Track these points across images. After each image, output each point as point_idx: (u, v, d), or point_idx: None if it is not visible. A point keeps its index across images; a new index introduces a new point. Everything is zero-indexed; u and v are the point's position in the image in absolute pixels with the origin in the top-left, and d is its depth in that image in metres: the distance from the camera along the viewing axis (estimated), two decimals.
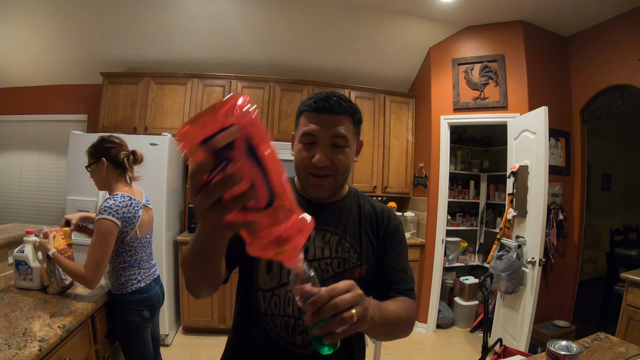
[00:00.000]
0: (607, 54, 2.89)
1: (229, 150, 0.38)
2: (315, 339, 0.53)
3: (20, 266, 1.50)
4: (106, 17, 3.05)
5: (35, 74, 3.61)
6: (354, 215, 0.89)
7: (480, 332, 3.14)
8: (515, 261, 2.59)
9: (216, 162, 0.38)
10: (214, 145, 0.38)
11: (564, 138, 3.15)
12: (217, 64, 3.58)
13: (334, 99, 0.80)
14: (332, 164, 0.80)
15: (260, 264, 0.83)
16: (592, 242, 4.79)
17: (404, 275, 0.87)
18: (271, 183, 0.43)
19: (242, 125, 0.38)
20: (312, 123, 0.79)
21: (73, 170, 2.92)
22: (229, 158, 0.39)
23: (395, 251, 0.89)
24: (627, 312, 2.17)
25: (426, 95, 3.57)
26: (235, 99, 0.38)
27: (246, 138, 0.39)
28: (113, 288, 1.54)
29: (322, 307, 0.51)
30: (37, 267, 1.50)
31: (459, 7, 2.99)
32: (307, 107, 0.81)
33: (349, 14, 3.13)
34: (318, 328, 0.52)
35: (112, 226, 1.42)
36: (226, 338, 0.93)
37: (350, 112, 0.82)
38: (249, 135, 0.39)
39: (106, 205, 1.44)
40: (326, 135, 0.79)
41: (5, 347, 0.98)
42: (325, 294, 0.52)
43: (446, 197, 3.42)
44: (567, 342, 0.96)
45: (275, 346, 0.80)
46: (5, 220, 2.88)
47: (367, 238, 0.88)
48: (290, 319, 0.80)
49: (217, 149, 0.38)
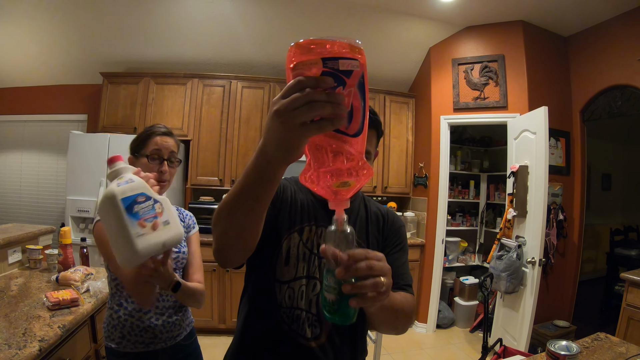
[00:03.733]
0: (607, 54, 2.89)
1: (346, 77, 0.43)
2: (331, 304, 0.52)
3: (139, 207, 0.74)
4: (106, 17, 3.05)
5: (35, 74, 3.61)
6: (361, 217, 0.94)
7: (480, 332, 3.14)
8: (515, 261, 2.59)
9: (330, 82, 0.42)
10: (339, 67, 0.41)
11: (564, 138, 3.15)
12: (217, 64, 3.58)
13: None
14: None
15: (280, 255, 0.85)
16: (592, 242, 4.79)
17: (404, 271, 0.91)
18: (365, 118, 0.47)
19: (362, 62, 0.43)
20: None
21: (73, 170, 2.93)
22: (344, 83, 0.43)
23: (396, 248, 0.93)
24: (627, 312, 2.17)
25: (426, 95, 3.57)
26: (358, 44, 0.43)
27: (362, 74, 0.44)
28: (187, 320, 1.26)
29: (358, 264, 0.50)
30: (165, 200, 0.82)
31: (459, 7, 2.99)
32: None
33: (349, 14, 3.13)
34: (349, 285, 0.50)
35: None
36: (226, 338, 0.95)
37: (377, 126, 0.85)
38: (364, 73, 0.45)
39: (192, 215, 1.33)
40: None
41: (5, 347, 0.98)
42: (362, 252, 0.52)
43: (446, 197, 3.42)
44: (567, 342, 0.96)
45: (285, 337, 0.83)
46: (5, 220, 2.88)
47: (373, 237, 0.94)
48: (302, 312, 0.83)
49: (339, 70, 0.42)
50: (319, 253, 0.85)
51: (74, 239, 2.00)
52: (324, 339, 0.84)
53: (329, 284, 0.52)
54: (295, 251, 0.85)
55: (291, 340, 0.83)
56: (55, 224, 3.02)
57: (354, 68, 0.43)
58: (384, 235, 0.95)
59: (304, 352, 0.83)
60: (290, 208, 0.88)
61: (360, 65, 0.43)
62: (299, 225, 0.87)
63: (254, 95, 3.45)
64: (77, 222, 2.95)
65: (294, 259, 0.85)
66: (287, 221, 0.86)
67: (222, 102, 3.40)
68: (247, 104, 3.43)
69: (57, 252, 1.79)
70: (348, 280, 0.50)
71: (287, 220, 0.87)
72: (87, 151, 2.91)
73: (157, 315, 1.14)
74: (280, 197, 0.88)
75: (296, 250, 0.85)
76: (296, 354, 0.83)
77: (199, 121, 3.37)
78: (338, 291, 0.51)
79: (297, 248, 0.85)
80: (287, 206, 0.88)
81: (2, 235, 1.82)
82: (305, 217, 0.88)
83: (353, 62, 0.42)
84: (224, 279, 3.02)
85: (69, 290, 1.39)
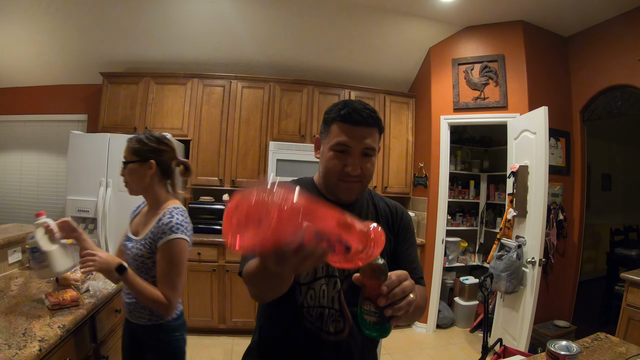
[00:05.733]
0: (607, 54, 2.89)
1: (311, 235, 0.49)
2: (373, 324, 0.62)
3: (34, 254, 1.29)
4: (106, 17, 3.05)
5: (35, 74, 3.61)
6: (371, 213, 0.98)
7: (480, 332, 3.13)
8: (515, 261, 2.59)
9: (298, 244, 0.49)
10: (301, 241, 0.48)
11: (564, 138, 3.15)
12: (217, 64, 3.58)
13: (366, 112, 0.87)
14: (362, 171, 0.88)
15: None
16: (592, 242, 4.79)
17: (415, 265, 0.97)
18: (344, 241, 0.54)
19: (306, 219, 0.48)
20: (347, 134, 0.86)
21: (73, 170, 2.92)
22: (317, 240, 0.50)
23: (407, 244, 0.99)
24: (627, 312, 2.17)
25: (426, 95, 3.57)
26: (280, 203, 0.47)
27: (314, 228, 0.49)
28: (154, 317, 1.29)
29: (394, 290, 0.60)
30: (51, 251, 1.29)
31: (459, 7, 2.99)
32: (342, 118, 0.87)
33: (349, 14, 3.13)
34: (390, 309, 0.60)
35: (187, 246, 1.25)
36: (226, 338, 0.97)
37: (378, 123, 0.90)
38: (313, 221, 0.49)
39: (177, 222, 1.24)
40: (359, 147, 0.86)
41: (5, 347, 0.98)
42: (396, 279, 0.62)
43: (446, 197, 3.42)
44: (567, 342, 0.96)
45: (309, 334, 0.88)
46: (5, 220, 2.88)
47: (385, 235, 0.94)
48: (324, 309, 0.88)
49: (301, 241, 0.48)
50: None
51: None
52: (346, 333, 0.89)
53: (369, 309, 0.62)
54: None
55: (315, 336, 0.88)
56: None
57: (309, 230, 0.48)
58: (395, 232, 0.98)
59: (328, 346, 0.88)
60: None
61: (307, 226, 0.48)
62: None
63: (254, 95, 3.45)
64: (77, 222, 2.93)
65: None
66: None
67: (222, 102, 3.40)
68: (247, 104, 3.43)
69: None
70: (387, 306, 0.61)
71: None
72: (87, 151, 2.91)
73: (126, 294, 1.33)
74: None
75: None
76: (320, 348, 0.88)
77: (199, 121, 3.37)
78: (379, 314, 0.61)
79: None
80: None
81: (2, 235, 1.82)
82: None
83: (303, 230, 0.47)
84: (224, 279, 3.02)
85: (69, 290, 1.39)
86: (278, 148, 3.32)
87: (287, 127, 3.47)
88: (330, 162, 0.88)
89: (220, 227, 3.24)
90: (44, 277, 1.38)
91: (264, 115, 3.44)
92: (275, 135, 3.44)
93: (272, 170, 3.28)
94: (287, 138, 3.43)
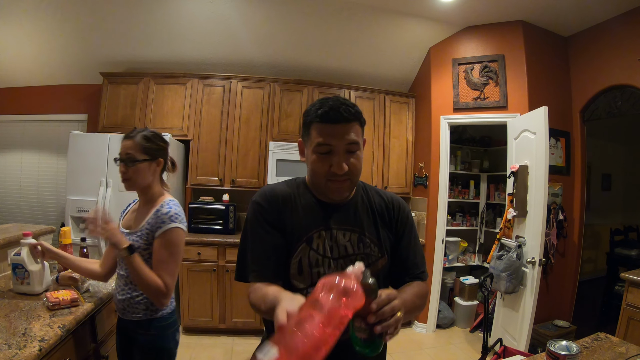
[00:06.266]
0: (607, 54, 2.89)
1: None
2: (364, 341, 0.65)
3: (17, 270, 1.42)
4: (106, 17, 3.05)
5: (35, 74, 3.61)
6: (367, 210, 0.96)
7: (480, 332, 3.14)
8: (515, 261, 2.59)
9: None
10: None
11: (564, 138, 3.15)
12: (217, 64, 3.58)
13: (343, 107, 0.84)
14: (349, 168, 0.86)
15: (292, 267, 0.89)
16: (592, 242, 4.79)
17: (417, 260, 0.99)
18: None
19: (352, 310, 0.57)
20: (327, 134, 0.84)
21: (73, 170, 2.92)
22: None
23: (407, 238, 0.99)
24: (627, 312, 2.17)
25: (426, 95, 3.57)
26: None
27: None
28: (148, 312, 1.29)
29: (384, 309, 0.64)
30: (35, 271, 1.42)
31: (459, 7, 2.99)
32: (320, 118, 0.85)
33: (349, 14, 3.13)
34: (379, 327, 0.63)
35: (184, 235, 1.30)
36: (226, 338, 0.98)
37: (358, 117, 0.87)
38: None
39: (176, 212, 1.28)
40: (342, 144, 0.84)
41: (5, 347, 0.98)
42: (385, 298, 0.65)
43: (446, 197, 3.42)
44: (567, 342, 0.96)
45: None
46: (5, 220, 2.88)
47: (383, 230, 0.96)
48: None
49: None
50: (332, 255, 0.89)
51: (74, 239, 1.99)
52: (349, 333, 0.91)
53: (359, 326, 0.64)
54: (306, 260, 0.88)
55: None
56: (55, 224, 3.01)
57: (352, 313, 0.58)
58: (394, 228, 0.98)
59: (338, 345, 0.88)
60: (294, 220, 0.90)
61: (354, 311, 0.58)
62: (306, 234, 0.89)
63: (254, 95, 3.45)
64: (77, 222, 2.94)
65: (307, 267, 0.88)
66: (295, 234, 0.89)
67: (222, 102, 3.40)
68: (247, 104, 3.43)
69: None
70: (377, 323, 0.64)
71: (294, 233, 0.89)
72: (87, 151, 2.91)
73: (119, 291, 1.34)
74: (283, 218, 0.90)
75: (307, 259, 0.88)
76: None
77: (199, 121, 3.36)
78: (369, 331, 0.64)
79: (308, 257, 0.88)
80: (291, 221, 0.90)
81: (2, 235, 1.82)
82: (311, 223, 0.90)
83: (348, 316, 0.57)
84: (224, 279, 3.02)
85: (69, 290, 1.39)
86: (278, 148, 3.32)
87: (287, 127, 3.46)
88: (315, 165, 0.87)
89: (220, 226, 3.25)
90: (23, 293, 1.44)
91: (264, 115, 3.44)
92: (275, 135, 3.44)
93: (272, 170, 3.28)
94: (287, 138, 3.43)
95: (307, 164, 0.92)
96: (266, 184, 3.37)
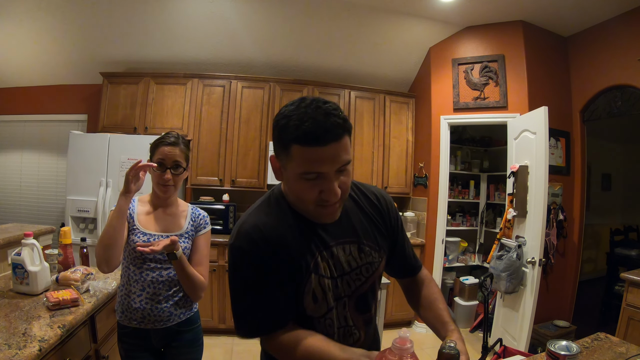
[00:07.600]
0: (607, 54, 2.89)
1: None
2: None
3: (17, 269, 1.43)
4: (106, 17, 3.05)
5: (35, 74, 3.61)
6: (358, 215, 0.90)
7: (480, 332, 3.13)
8: (515, 261, 2.59)
9: None
10: None
11: (564, 138, 3.15)
12: (217, 64, 3.58)
13: (331, 122, 0.67)
14: (341, 190, 0.75)
15: (305, 299, 0.82)
16: (592, 242, 4.79)
17: (413, 254, 1.02)
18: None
19: None
20: (315, 161, 0.69)
21: (73, 170, 2.93)
22: None
23: (400, 235, 0.98)
24: (627, 312, 2.17)
25: (426, 95, 3.57)
26: None
27: None
28: (187, 310, 1.39)
29: None
30: (34, 271, 1.43)
31: (459, 7, 2.99)
32: (304, 140, 0.67)
33: (349, 14, 3.13)
34: None
35: None
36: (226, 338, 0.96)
37: (348, 128, 0.72)
38: None
39: (206, 215, 1.46)
40: (334, 168, 0.71)
41: (5, 347, 0.98)
42: None
43: (446, 197, 3.42)
44: (567, 342, 0.96)
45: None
46: (5, 220, 2.88)
47: (378, 231, 0.92)
48: (340, 329, 0.86)
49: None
50: (337, 274, 0.83)
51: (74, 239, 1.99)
52: (362, 338, 0.90)
53: None
54: (319, 288, 0.81)
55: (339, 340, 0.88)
56: (55, 224, 3.01)
57: None
58: (388, 227, 0.94)
59: None
60: (291, 251, 0.79)
61: None
62: (307, 264, 0.80)
63: (254, 95, 3.45)
64: (77, 222, 2.95)
65: (320, 294, 0.82)
66: (295, 265, 0.80)
67: (222, 102, 3.40)
68: (247, 104, 3.43)
69: (57, 252, 1.79)
70: None
71: (295, 265, 0.80)
72: (87, 151, 2.91)
73: (146, 300, 1.29)
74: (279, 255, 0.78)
75: (319, 287, 0.81)
76: None
77: (199, 121, 3.37)
78: None
79: (319, 284, 0.81)
80: (288, 255, 0.79)
81: (2, 235, 1.83)
82: (307, 252, 0.81)
83: None
84: (224, 279, 3.02)
85: (69, 290, 1.39)
86: None
87: None
88: (302, 193, 0.74)
89: (220, 227, 3.25)
90: (23, 293, 1.45)
91: (264, 115, 3.44)
92: None
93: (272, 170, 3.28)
94: None
95: (287, 185, 0.80)
96: (266, 184, 3.38)
